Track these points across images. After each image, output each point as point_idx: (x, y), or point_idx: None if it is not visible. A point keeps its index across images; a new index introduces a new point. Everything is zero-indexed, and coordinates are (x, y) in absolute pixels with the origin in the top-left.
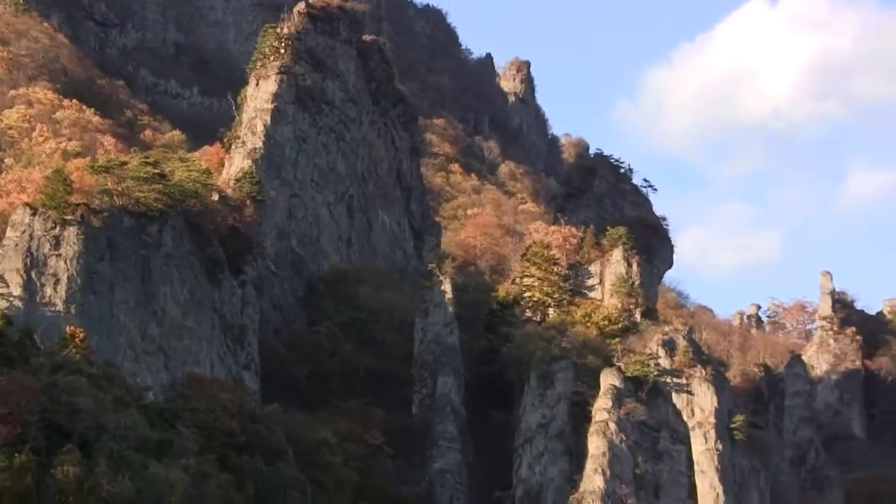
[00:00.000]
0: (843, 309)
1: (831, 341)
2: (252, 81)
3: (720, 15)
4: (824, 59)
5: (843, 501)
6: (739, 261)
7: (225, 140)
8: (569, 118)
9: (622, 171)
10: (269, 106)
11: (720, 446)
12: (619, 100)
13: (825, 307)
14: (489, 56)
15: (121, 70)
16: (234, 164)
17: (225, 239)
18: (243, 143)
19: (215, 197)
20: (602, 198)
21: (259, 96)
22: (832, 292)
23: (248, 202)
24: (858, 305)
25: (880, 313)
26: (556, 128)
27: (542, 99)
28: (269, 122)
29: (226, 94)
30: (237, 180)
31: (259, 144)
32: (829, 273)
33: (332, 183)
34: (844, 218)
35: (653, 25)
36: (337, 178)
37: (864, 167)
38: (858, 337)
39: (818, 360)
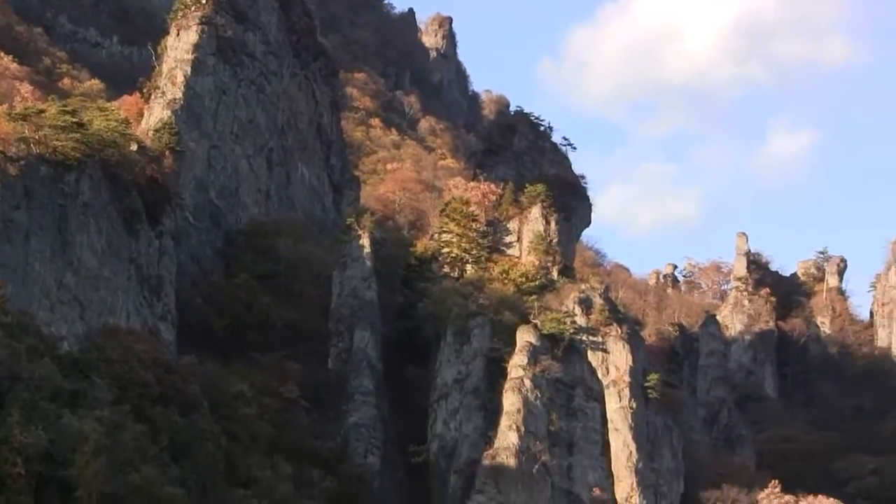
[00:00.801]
0: (758, 270)
1: (745, 302)
2: (173, 32)
3: None
4: (747, 20)
5: (754, 460)
6: (659, 220)
7: (144, 90)
8: (491, 75)
9: (542, 128)
10: (190, 57)
11: (634, 404)
12: (542, 57)
13: (740, 268)
14: (411, 11)
15: (40, 17)
16: (153, 115)
17: (143, 189)
18: (163, 93)
19: (134, 147)
20: (521, 155)
21: (179, 47)
22: (747, 253)
23: (167, 153)
24: (773, 267)
25: (794, 275)
26: (478, 84)
27: (463, 55)
28: (189, 73)
29: (146, 43)
30: (156, 131)
31: (179, 95)
32: (744, 234)
33: (252, 135)
34: (763, 178)
35: None
36: (257, 131)
37: (784, 128)
38: (772, 298)
39: (732, 321)
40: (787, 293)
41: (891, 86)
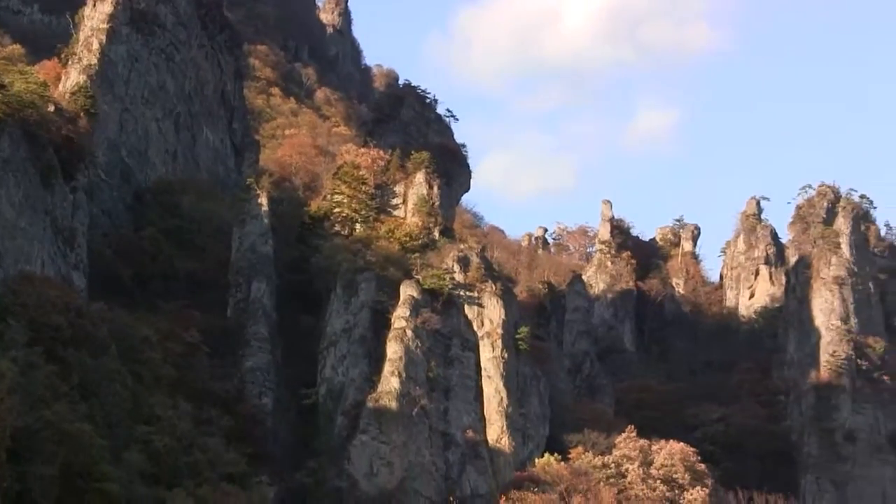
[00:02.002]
0: (621, 235)
1: (608, 263)
2: (89, 2)
3: None
4: (620, 6)
5: (613, 407)
6: (537, 187)
7: (62, 56)
8: (383, 50)
9: (428, 100)
10: (105, 26)
11: (506, 355)
12: (431, 35)
13: (604, 232)
14: None
15: None
16: (70, 79)
17: (59, 148)
18: (79, 59)
19: (51, 108)
20: (408, 125)
21: (96, 17)
22: (611, 219)
23: (82, 115)
24: (634, 232)
25: (653, 240)
26: (370, 59)
27: (357, 31)
28: (104, 41)
29: (64, 13)
30: (72, 94)
31: (94, 61)
32: (609, 202)
33: (161, 100)
34: (630, 151)
35: None
36: (166, 96)
37: (651, 106)
38: (633, 260)
39: (596, 280)
40: (647, 256)
41: (748, 71)
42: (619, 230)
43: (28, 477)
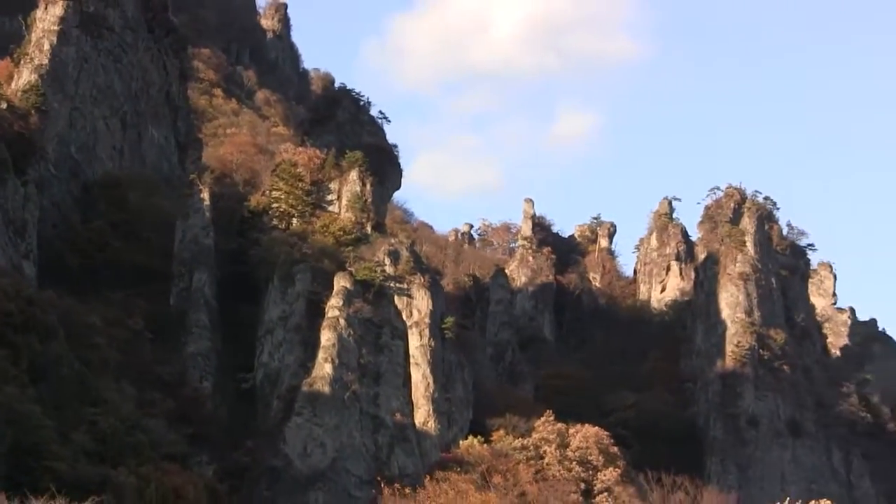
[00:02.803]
0: (542, 231)
1: (530, 258)
2: (41, 5)
3: None
4: (544, 17)
5: (533, 393)
6: (465, 185)
7: (14, 56)
8: (321, 55)
9: (362, 103)
10: (56, 28)
11: (432, 343)
12: (367, 41)
13: (526, 229)
14: None
15: None
16: (22, 78)
17: (11, 143)
18: (31, 59)
19: (3, 105)
20: (343, 125)
21: (47, 19)
22: (533, 217)
23: (33, 112)
24: (554, 229)
25: (572, 236)
26: (308, 63)
27: (296, 37)
28: (55, 42)
29: (16, 15)
30: (24, 92)
31: (45, 62)
32: (531, 200)
33: (109, 99)
34: (553, 153)
35: None
36: (113, 96)
37: (573, 110)
38: (553, 256)
39: (518, 274)
40: (566, 252)
41: (664, 79)
42: (541, 227)
43: None
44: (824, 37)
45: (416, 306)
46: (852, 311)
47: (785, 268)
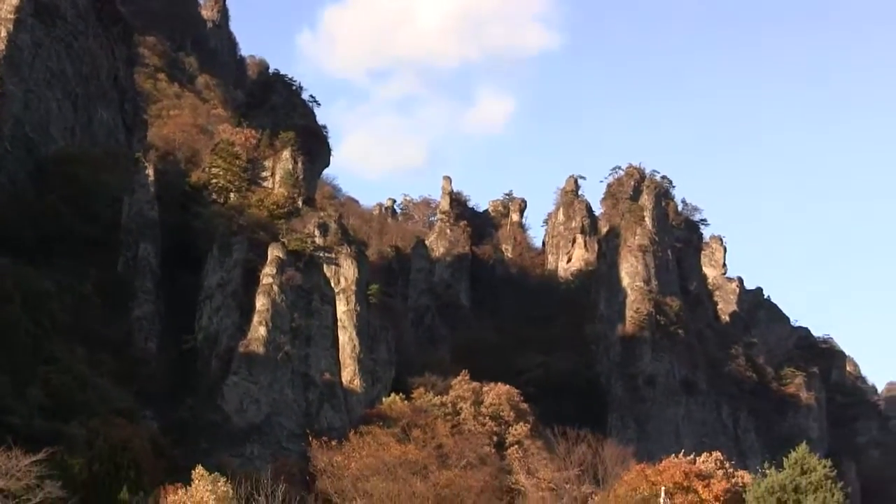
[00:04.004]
0: (459, 206)
1: (448, 231)
2: None
3: None
4: (465, 10)
5: (451, 354)
6: (390, 164)
7: None
8: (258, 44)
9: (294, 87)
10: (12, 17)
11: (359, 308)
12: (302, 31)
13: (445, 204)
14: None
15: None
16: None
17: None
18: None
19: None
20: (277, 108)
21: (3, 8)
22: (451, 193)
23: None
24: (470, 204)
25: (486, 211)
26: (245, 51)
27: (234, 26)
28: (11, 29)
29: None
30: None
31: (2, 47)
32: (449, 177)
33: (61, 83)
34: (471, 134)
35: None
36: (65, 79)
37: (490, 96)
38: (469, 229)
39: (437, 245)
40: (481, 225)
41: (573, 67)
42: (458, 202)
43: None
44: (698, 27)
45: (344, 274)
46: (740, 280)
47: (680, 241)
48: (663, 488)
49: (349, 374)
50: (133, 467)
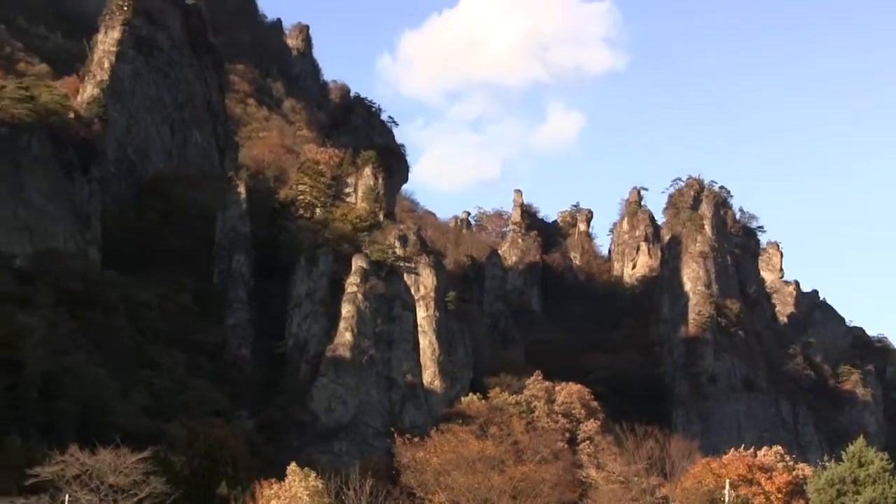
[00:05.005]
0: (529, 217)
1: (520, 241)
2: (102, 30)
3: None
4: (534, 33)
5: (524, 356)
6: (464, 179)
7: (80, 73)
8: (341, 69)
9: (374, 109)
10: (114, 49)
11: (437, 314)
12: (381, 56)
13: (516, 216)
14: (279, 20)
15: (2, 17)
16: (86, 92)
17: (78, 147)
18: (94, 76)
19: (72, 115)
20: (358, 129)
21: (107, 41)
22: (522, 205)
23: (96, 120)
24: (540, 215)
25: (555, 221)
26: (328, 76)
27: (317, 53)
28: (113, 61)
29: (82, 38)
30: (88, 104)
31: (106, 78)
32: (520, 191)
33: (160, 109)
34: (540, 149)
35: (411, 1)
36: (162, 106)
37: (559, 112)
38: (539, 238)
39: (510, 254)
40: (551, 235)
41: (639, 85)
42: (529, 214)
43: (54, 412)
44: (751, 46)
45: (423, 283)
46: (797, 283)
47: (738, 247)
48: (728, 481)
49: (430, 375)
50: (230, 464)
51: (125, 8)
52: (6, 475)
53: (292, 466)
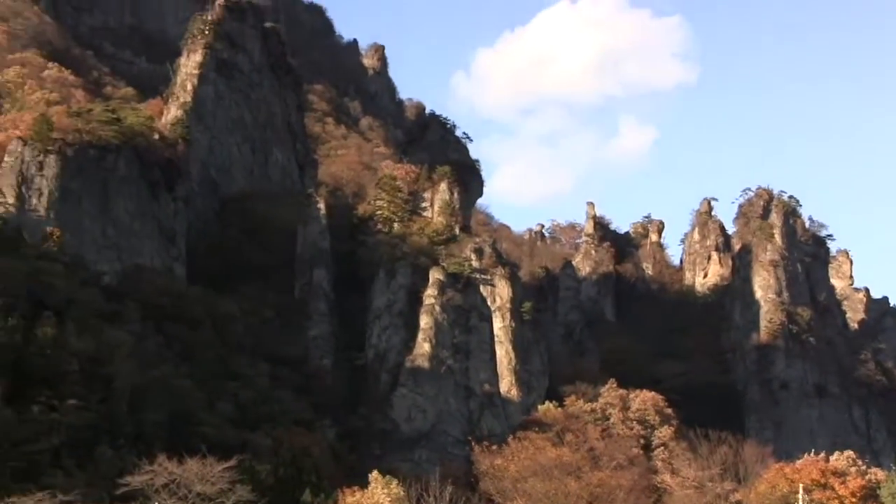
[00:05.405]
0: (602, 229)
1: (593, 252)
2: (185, 54)
3: (535, 11)
4: (605, 48)
5: (598, 364)
6: (538, 192)
7: (164, 96)
8: (416, 87)
9: (448, 126)
10: (197, 72)
11: (513, 324)
12: (457, 73)
13: (589, 227)
14: (355, 41)
15: (90, 42)
16: (170, 114)
17: (163, 167)
18: (177, 98)
19: (156, 136)
20: (433, 145)
21: (189, 65)
22: (594, 217)
23: (179, 141)
24: (612, 226)
25: (627, 232)
26: (403, 94)
27: (392, 73)
28: (196, 83)
29: (165, 62)
30: (172, 125)
31: (189, 99)
32: (592, 203)
33: (240, 129)
34: (611, 162)
35: (484, 19)
36: (244, 126)
37: (631, 126)
38: (612, 249)
39: (583, 265)
40: (623, 246)
41: (708, 100)
42: (601, 225)
43: (143, 423)
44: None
45: (499, 294)
46: (867, 290)
47: (808, 255)
48: (801, 486)
49: (506, 384)
50: (314, 472)
51: (207, 32)
52: (98, 485)
53: (375, 474)
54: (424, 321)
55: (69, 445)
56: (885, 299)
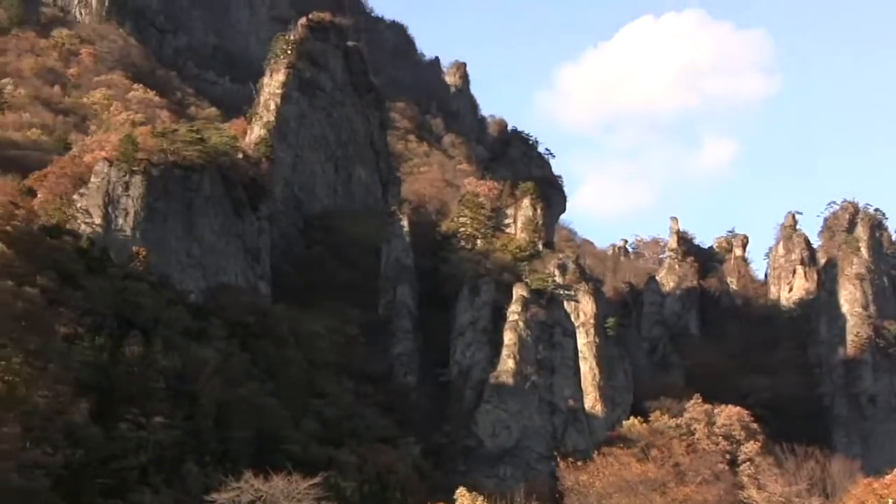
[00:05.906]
0: (685, 244)
1: (676, 267)
2: (267, 73)
3: (618, 27)
4: (685, 62)
5: (683, 380)
6: (621, 207)
7: (247, 115)
8: (497, 104)
9: (531, 142)
10: (280, 91)
11: (597, 339)
12: (540, 89)
13: (673, 242)
14: (437, 59)
15: (174, 64)
16: (254, 133)
17: (247, 186)
18: (261, 117)
19: (240, 156)
20: (516, 161)
21: (272, 84)
22: (678, 232)
23: (263, 160)
24: (696, 241)
25: (711, 247)
26: (485, 111)
27: (474, 90)
28: (279, 103)
29: (248, 82)
30: (256, 144)
31: (272, 119)
32: (676, 218)
33: (323, 147)
34: (698, 176)
35: (568, 34)
36: (327, 144)
37: (713, 140)
38: (696, 264)
39: (667, 280)
40: (707, 260)
41: (792, 112)
42: (684, 240)
43: (229, 440)
44: None
45: (583, 309)
46: None
47: (895, 268)
48: (891, 500)
49: (591, 400)
50: (399, 488)
51: (289, 52)
52: (185, 502)
53: (461, 490)
54: (508, 337)
55: (156, 463)
56: None
